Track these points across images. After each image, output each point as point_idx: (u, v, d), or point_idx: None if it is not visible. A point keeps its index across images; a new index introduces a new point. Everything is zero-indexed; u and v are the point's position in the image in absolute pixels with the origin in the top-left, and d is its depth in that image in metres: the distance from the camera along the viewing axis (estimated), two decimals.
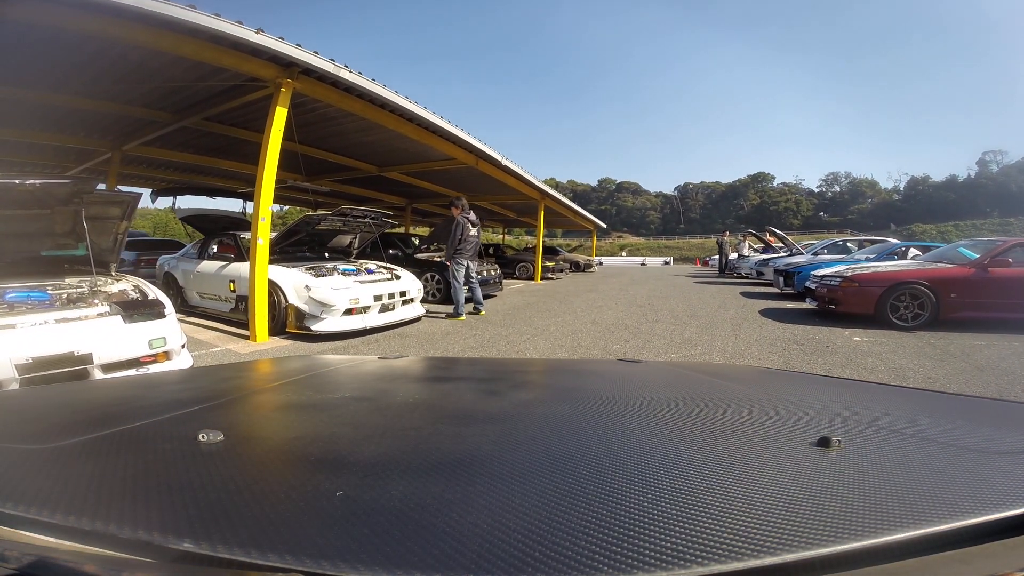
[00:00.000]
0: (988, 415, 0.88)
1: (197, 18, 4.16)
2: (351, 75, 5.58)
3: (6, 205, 3.18)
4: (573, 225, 27.15)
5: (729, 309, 7.65)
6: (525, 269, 15.41)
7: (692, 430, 0.68)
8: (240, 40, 4.57)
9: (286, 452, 0.59)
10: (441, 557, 0.34)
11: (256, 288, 4.64)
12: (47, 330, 2.71)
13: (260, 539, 0.36)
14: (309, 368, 1.21)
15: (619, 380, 1.19)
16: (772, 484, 0.48)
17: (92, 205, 3.40)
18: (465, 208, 6.65)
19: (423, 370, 1.33)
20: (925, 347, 4.61)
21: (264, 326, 4.71)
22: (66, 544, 0.38)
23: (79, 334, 2.75)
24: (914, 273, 5.74)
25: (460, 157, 9.28)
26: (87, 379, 2.69)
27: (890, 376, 3.61)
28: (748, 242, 18.19)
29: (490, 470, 0.52)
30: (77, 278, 3.63)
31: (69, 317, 2.86)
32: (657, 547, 0.35)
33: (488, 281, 9.24)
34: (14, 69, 5.34)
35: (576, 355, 4.47)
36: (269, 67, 5.12)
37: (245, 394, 0.91)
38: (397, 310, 5.58)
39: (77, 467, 0.51)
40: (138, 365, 3.00)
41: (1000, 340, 4.81)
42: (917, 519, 0.39)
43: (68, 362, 2.70)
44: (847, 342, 4.85)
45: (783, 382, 1.24)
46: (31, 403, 0.92)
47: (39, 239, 3.66)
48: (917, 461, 0.56)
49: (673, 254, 48.50)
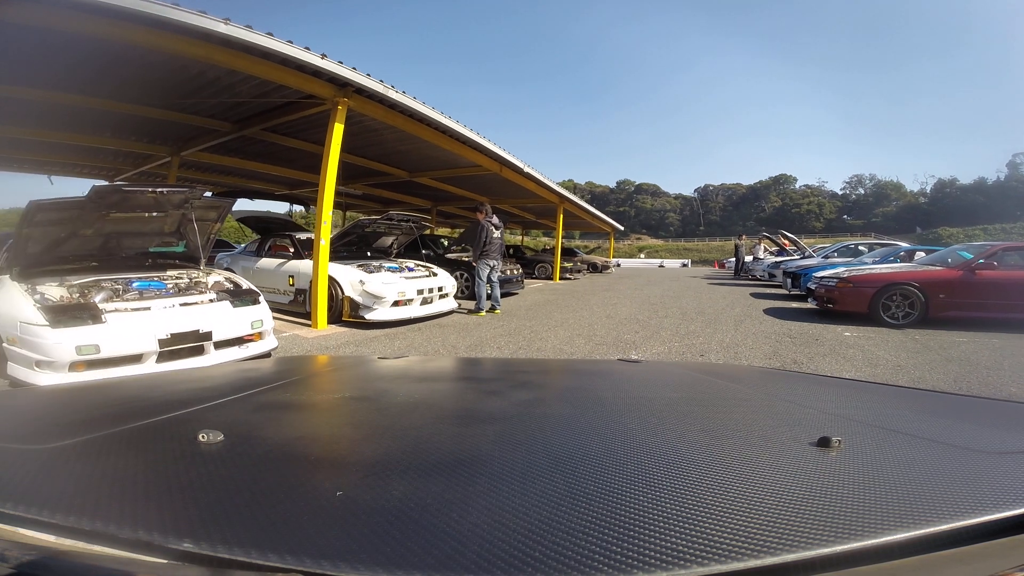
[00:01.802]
0: (988, 415, 0.89)
1: (272, 43, 4.91)
2: (397, 94, 6.32)
3: (130, 209, 3.95)
4: (591, 227, 27.65)
5: (735, 308, 8.20)
6: (544, 269, 16.08)
7: (692, 430, 0.69)
8: (305, 63, 5.32)
9: (286, 452, 0.59)
10: (441, 557, 0.34)
11: (319, 282, 5.40)
12: (176, 312, 3.48)
13: (260, 539, 0.37)
14: (309, 368, 1.21)
15: (619, 380, 1.21)
16: (772, 484, 0.48)
17: (196, 209, 4.17)
18: (489, 213, 7.28)
19: (423, 370, 1.34)
20: (908, 342, 5.13)
21: (324, 315, 5.47)
22: (66, 544, 0.39)
23: (201, 315, 3.52)
24: (905, 275, 6.24)
25: (485, 164, 9.99)
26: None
27: (863, 363, 4.18)
28: (764, 245, 18.51)
29: (490, 470, 0.52)
30: (176, 271, 4.41)
31: (189, 302, 3.62)
32: (657, 547, 0.36)
33: (511, 280, 9.93)
34: (89, 80, 6.06)
35: (591, 342, 5.12)
36: (327, 87, 5.87)
37: (245, 394, 0.91)
38: (435, 303, 6.33)
39: (77, 467, 0.52)
40: (241, 343, 3.76)
41: (981, 337, 5.29)
42: (917, 519, 0.39)
43: (193, 338, 3.46)
44: (837, 336, 5.40)
45: (783, 382, 1.26)
46: (31, 403, 0.93)
47: (149, 237, 4.45)
48: (917, 461, 0.56)
49: (692, 256, 48.59)
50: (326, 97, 5.97)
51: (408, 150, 9.46)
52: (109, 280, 3.73)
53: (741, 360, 4.38)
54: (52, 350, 2.97)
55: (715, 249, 54.26)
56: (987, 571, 0.37)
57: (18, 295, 3.26)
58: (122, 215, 3.89)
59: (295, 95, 6.28)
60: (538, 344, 5.03)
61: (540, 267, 16.20)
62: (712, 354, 4.59)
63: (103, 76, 5.97)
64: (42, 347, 2.98)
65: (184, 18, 4.27)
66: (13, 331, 3.10)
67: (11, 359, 3.17)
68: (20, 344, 3.07)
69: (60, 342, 2.98)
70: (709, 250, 55.31)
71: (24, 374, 3.07)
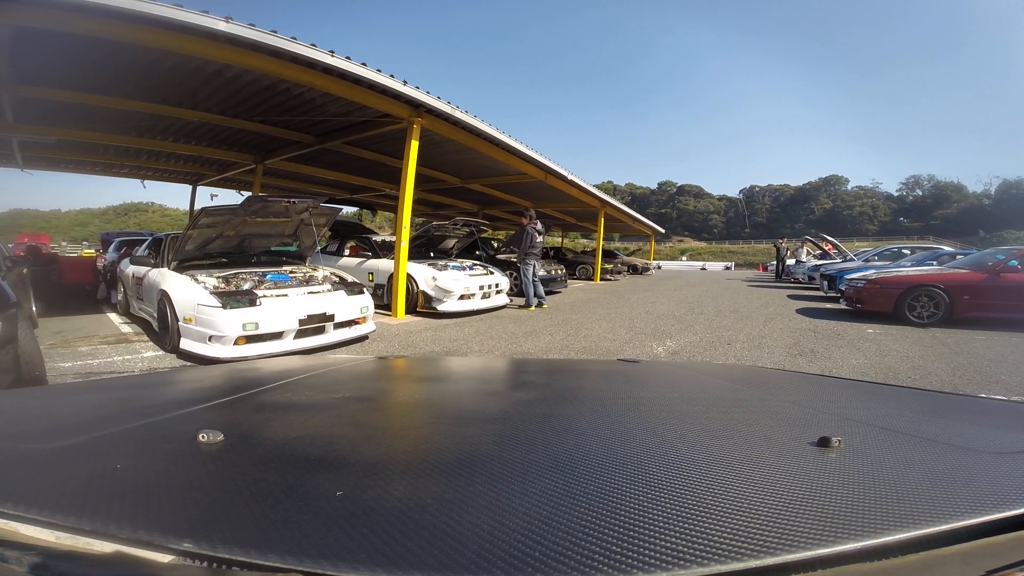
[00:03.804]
0: (988, 415, 0.89)
1: (365, 72, 5.91)
2: (461, 113, 7.27)
3: (266, 215, 5.01)
4: (631, 230, 28.08)
5: (769, 307, 8.71)
6: (584, 270, 16.83)
7: (692, 430, 0.70)
8: (388, 87, 6.29)
9: (286, 452, 0.59)
10: (441, 557, 0.35)
11: (400, 278, 6.42)
12: (308, 299, 4.49)
13: (260, 539, 0.37)
14: (309, 368, 1.22)
15: (619, 380, 1.22)
16: (772, 484, 0.49)
17: (313, 216, 5.20)
18: (533, 218, 8.12)
19: (423, 370, 1.34)
20: (925, 338, 5.60)
21: (403, 306, 6.49)
22: (66, 544, 0.39)
23: (325, 301, 4.53)
24: (930, 277, 6.67)
25: (531, 172, 10.88)
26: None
27: (874, 353, 4.74)
28: (807, 248, 18.54)
29: (490, 470, 0.53)
30: (290, 267, 5.45)
31: (315, 291, 4.63)
32: (657, 547, 0.36)
33: (555, 279, 10.75)
34: (201, 96, 7.09)
35: (631, 332, 5.88)
36: (404, 108, 6.85)
37: (245, 394, 0.92)
38: (492, 298, 7.29)
39: (77, 467, 0.52)
40: (351, 324, 4.75)
41: (1001, 336, 5.66)
42: (917, 519, 0.40)
43: (320, 319, 4.46)
44: (859, 332, 5.92)
45: (783, 382, 1.26)
46: (31, 403, 0.94)
47: (273, 239, 5.53)
48: (917, 461, 0.57)
49: (736, 259, 47.98)
50: (403, 117, 6.95)
51: (463, 160, 10.44)
52: (247, 272, 4.79)
53: (761, 347, 5.03)
54: (224, 327, 3.97)
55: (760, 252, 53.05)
56: (987, 571, 0.36)
57: (190, 283, 4.31)
58: (258, 220, 4.95)
59: (374, 114, 7.32)
60: (584, 332, 5.84)
61: (581, 268, 16.95)
62: (738, 343, 5.25)
63: (212, 92, 7.00)
64: (216, 324, 3.99)
65: (299, 49, 5.25)
66: (190, 311, 4.11)
67: (185, 335, 4.19)
68: (196, 322, 4.07)
69: (230, 320, 3.98)
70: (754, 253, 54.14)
71: (197, 347, 4.07)
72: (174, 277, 4.49)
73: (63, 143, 9.66)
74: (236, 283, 4.54)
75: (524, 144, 9.10)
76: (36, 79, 6.22)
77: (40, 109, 7.49)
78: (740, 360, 4.56)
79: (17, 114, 7.61)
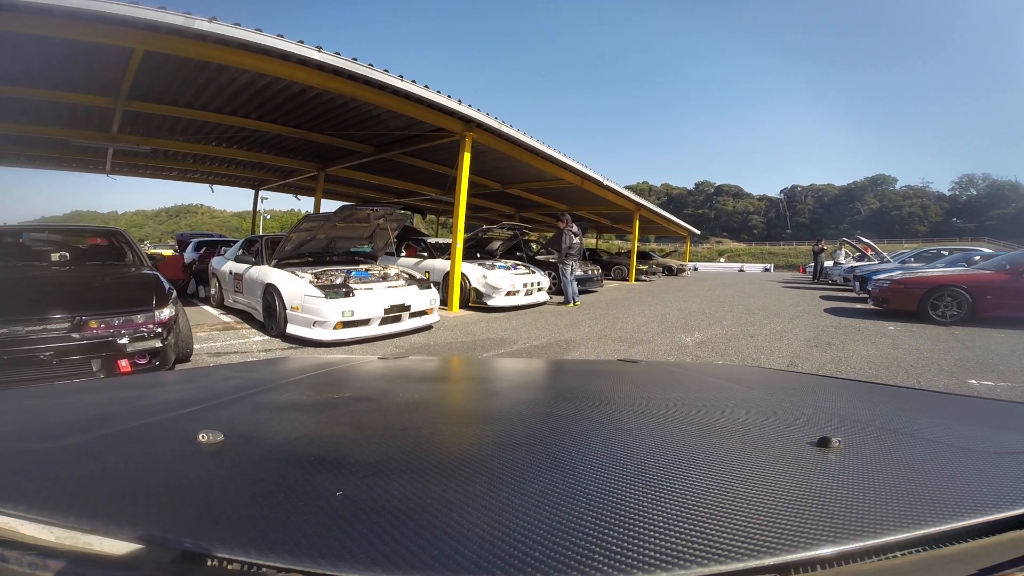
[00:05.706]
0: (988, 415, 0.91)
1: (425, 93, 6.74)
2: (507, 128, 8.08)
3: (352, 220, 5.89)
4: (666, 231, 28.31)
5: (799, 306, 9.14)
6: (620, 271, 17.38)
7: (692, 430, 0.70)
8: (444, 105, 7.12)
9: (286, 452, 0.59)
10: (441, 557, 0.35)
11: (455, 276, 7.29)
12: (389, 292, 5.36)
13: (260, 539, 0.37)
14: (309, 368, 1.24)
15: (619, 380, 1.24)
16: (772, 484, 0.49)
17: (388, 221, 6.08)
18: (569, 222, 8.84)
19: (423, 370, 1.36)
20: (943, 335, 5.99)
21: (456, 301, 7.34)
22: (66, 544, 0.39)
23: (404, 294, 5.40)
24: (954, 278, 7.01)
25: (568, 178, 11.61)
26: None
27: (888, 346, 5.22)
28: (845, 250, 18.49)
29: (490, 470, 0.53)
30: (365, 265, 6.33)
31: (394, 286, 5.49)
32: (657, 547, 0.36)
33: (591, 279, 11.42)
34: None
35: (663, 325, 6.52)
36: (457, 123, 7.69)
37: (245, 394, 0.91)
38: (535, 295, 8.09)
39: (77, 467, 0.52)
40: (421, 314, 5.61)
41: (1019, 335, 5.95)
42: (917, 519, 0.40)
43: (400, 309, 5.33)
44: (879, 329, 6.36)
45: (783, 382, 1.27)
46: (31, 403, 0.94)
47: (353, 241, 6.45)
48: (917, 461, 0.57)
49: (776, 261, 47.27)
50: (455, 131, 7.78)
51: (504, 167, 11.26)
52: (335, 269, 5.70)
53: (782, 340, 5.59)
54: (327, 313, 4.86)
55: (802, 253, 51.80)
56: (987, 571, 0.36)
57: (294, 277, 5.24)
58: (345, 224, 5.87)
59: (428, 128, 8.18)
60: (620, 325, 6.52)
61: (616, 268, 17.49)
62: (760, 336, 5.82)
63: (292, 108, 7.93)
64: (320, 311, 4.88)
65: (373, 74, 6.11)
66: (297, 301, 5.02)
67: (291, 321, 5.09)
68: (302, 310, 4.98)
69: (332, 308, 4.86)
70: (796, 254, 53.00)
71: (302, 331, 4.95)
72: (279, 273, 5.42)
73: (155, 152, 10.92)
74: (329, 278, 5.44)
75: (562, 152, 9.85)
76: (148, 96, 7.26)
77: (143, 122, 8.70)
78: (759, 348, 5.14)
79: (122, 126, 8.70)
